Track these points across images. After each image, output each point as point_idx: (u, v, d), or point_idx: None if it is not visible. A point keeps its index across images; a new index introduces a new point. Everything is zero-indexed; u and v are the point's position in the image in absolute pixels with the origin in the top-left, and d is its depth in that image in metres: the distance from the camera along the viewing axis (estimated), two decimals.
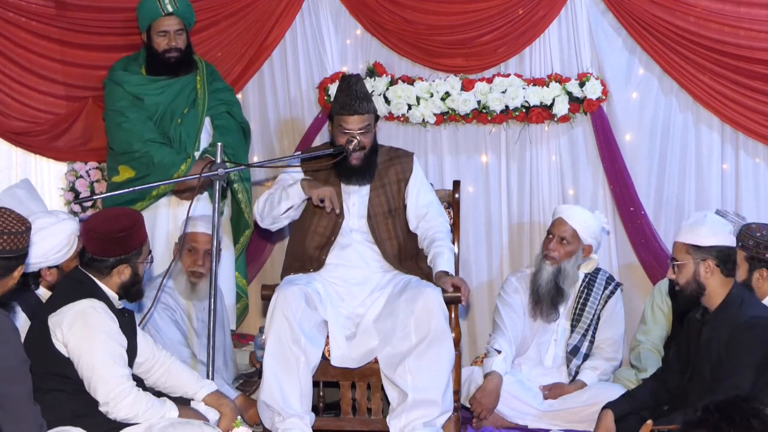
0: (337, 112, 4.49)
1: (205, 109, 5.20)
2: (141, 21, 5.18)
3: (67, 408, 3.61)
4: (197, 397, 3.88)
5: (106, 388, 3.59)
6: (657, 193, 5.47)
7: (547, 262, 4.85)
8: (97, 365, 3.59)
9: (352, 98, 4.47)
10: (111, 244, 3.73)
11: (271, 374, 4.22)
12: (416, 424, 4.19)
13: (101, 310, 3.66)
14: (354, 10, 5.58)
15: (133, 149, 5.06)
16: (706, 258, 3.82)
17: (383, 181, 4.61)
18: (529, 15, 5.39)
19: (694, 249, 3.85)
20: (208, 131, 5.22)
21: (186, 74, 5.20)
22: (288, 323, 4.22)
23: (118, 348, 3.66)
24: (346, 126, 4.46)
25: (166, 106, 5.14)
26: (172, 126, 5.14)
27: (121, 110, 5.11)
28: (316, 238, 4.56)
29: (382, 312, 4.39)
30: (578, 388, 4.79)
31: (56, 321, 3.62)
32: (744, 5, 5.23)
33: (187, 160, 5.05)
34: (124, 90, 5.14)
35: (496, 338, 4.84)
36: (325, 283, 4.47)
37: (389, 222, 4.59)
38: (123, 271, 3.76)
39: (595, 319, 4.92)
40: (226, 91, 5.33)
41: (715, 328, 3.82)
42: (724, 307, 3.83)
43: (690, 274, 3.85)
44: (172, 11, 5.10)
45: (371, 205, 4.58)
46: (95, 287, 3.74)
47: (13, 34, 5.45)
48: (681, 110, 5.43)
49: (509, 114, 5.45)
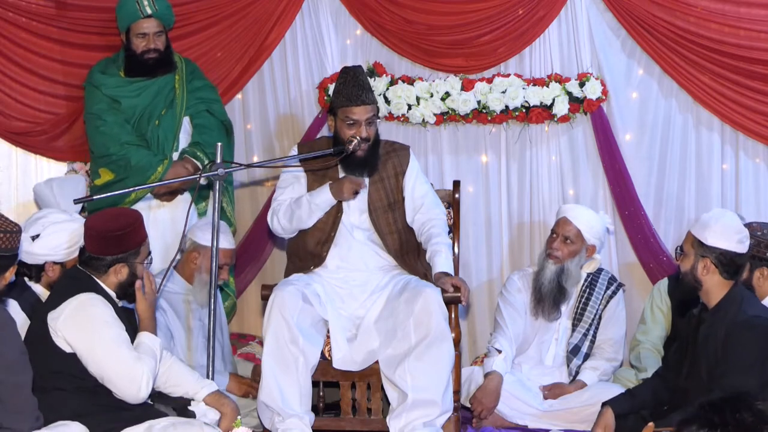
0: (342, 104, 4.47)
1: (184, 108, 5.18)
2: (120, 22, 5.15)
3: (68, 407, 3.61)
4: (198, 397, 3.88)
5: (119, 375, 3.62)
6: (657, 193, 5.47)
7: (551, 261, 4.85)
8: (105, 355, 3.62)
9: (358, 89, 4.47)
10: (108, 242, 3.75)
11: (270, 375, 4.21)
12: (416, 424, 4.18)
13: (98, 301, 3.68)
14: (354, 10, 5.58)
15: (110, 152, 5.05)
16: (706, 256, 3.82)
17: (381, 175, 4.60)
18: (529, 15, 5.39)
19: (698, 244, 3.85)
20: (187, 131, 5.20)
21: (164, 74, 5.18)
22: (286, 323, 4.22)
23: (120, 332, 3.69)
24: (353, 117, 4.45)
25: (143, 108, 5.13)
26: (150, 128, 5.13)
27: (98, 113, 5.10)
28: (317, 234, 4.55)
29: (382, 313, 4.39)
30: (578, 388, 4.79)
31: (55, 317, 3.64)
32: (744, 5, 5.22)
33: (164, 161, 5.04)
34: (102, 93, 5.12)
35: (497, 337, 4.84)
36: (326, 284, 4.47)
37: (389, 216, 4.58)
38: (120, 271, 3.78)
39: (597, 318, 4.92)
40: (206, 89, 5.29)
41: (712, 325, 3.82)
42: (722, 306, 3.83)
43: (689, 266, 3.86)
44: (151, 13, 5.06)
45: (371, 199, 4.58)
46: (94, 284, 3.75)
47: (13, 34, 5.45)
48: (681, 110, 5.43)
49: (509, 114, 5.44)
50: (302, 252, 4.58)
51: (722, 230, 3.84)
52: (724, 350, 3.74)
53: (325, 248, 4.54)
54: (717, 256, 3.81)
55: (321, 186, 4.53)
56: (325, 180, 4.54)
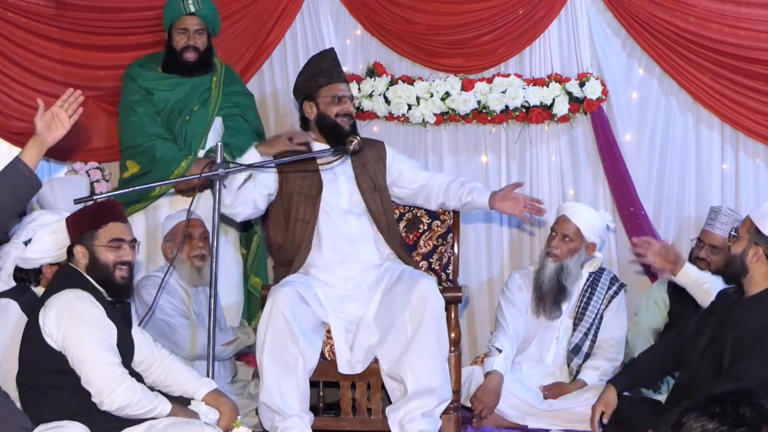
0: (324, 83, 4.51)
1: (217, 108, 5.23)
2: (165, 19, 5.27)
3: (67, 405, 3.59)
4: (197, 396, 3.87)
5: (96, 376, 3.57)
6: (657, 193, 5.47)
7: (550, 259, 4.85)
8: (86, 354, 3.58)
9: (336, 67, 4.58)
10: (71, 227, 3.81)
11: (270, 375, 4.20)
12: (414, 415, 4.17)
13: (86, 299, 3.65)
14: (354, 10, 5.59)
15: (137, 143, 5.12)
16: (759, 244, 3.79)
17: (362, 161, 4.59)
18: (529, 15, 5.40)
19: (755, 231, 3.81)
20: (218, 131, 5.24)
21: (201, 75, 5.23)
22: (287, 324, 4.21)
23: (105, 336, 3.64)
24: (338, 93, 4.50)
25: (175, 103, 5.18)
26: (179, 122, 5.17)
27: (131, 104, 5.18)
28: (300, 225, 4.49)
29: (379, 307, 4.37)
30: (579, 387, 4.79)
31: (44, 315, 3.63)
32: (744, 5, 5.23)
33: (188, 156, 5.07)
34: (137, 84, 5.21)
35: (498, 336, 4.84)
36: (324, 287, 4.43)
37: (377, 197, 4.58)
38: (83, 253, 3.75)
39: (598, 318, 4.92)
40: (243, 95, 5.36)
41: (748, 313, 3.78)
42: (763, 296, 3.79)
43: (740, 250, 3.82)
44: (194, 11, 5.18)
45: (359, 181, 4.56)
46: (81, 279, 3.73)
47: (13, 34, 5.46)
48: (681, 110, 5.44)
49: (509, 114, 5.45)
50: (288, 251, 4.51)
51: None
52: (755, 340, 3.69)
53: (310, 234, 4.47)
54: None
55: (300, 176, 4.50)
56: (307, 179, 4.52)
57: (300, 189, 4.51)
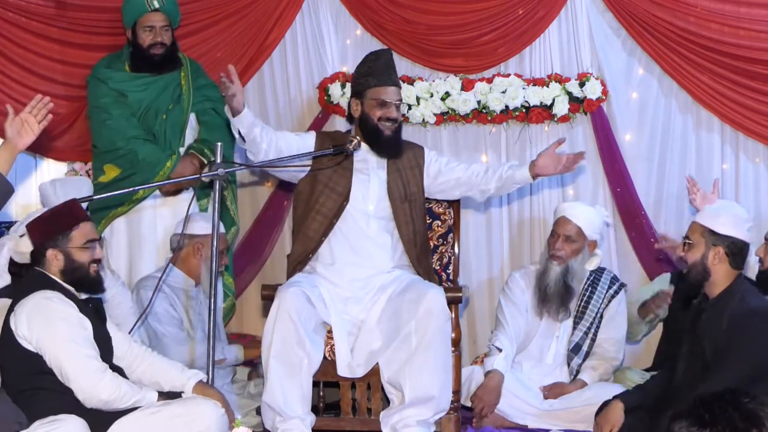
0: (373, 84, 4.46)
1: (190, 105, 5.21)
2: (126, 17, 5.19)
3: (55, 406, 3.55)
4: (186, 388, 3.80)
5: (76, 371, 3.55)
6: (657, 193, 5.47)
7: (554, 262, 4.83)
8: (62, 352, 3.56)
9: (390, 70, 4.51)
10: (36, 233, 3.75)
11: (275, 376, 4.19)
12: (409, 422, 4.18)
13: (55, 299, 3.63)
14: (354, 10, 5.58)
15: (117, 147, 5.07)
16: (718, 245, 3.81)
17: (398, 166, 4.56)
18: (529, 15, 5.39)
19: (709, 233, 3.84)
20: (193, 127, 5.23)
21: (170, 72, 5.21)
22: (294, 325, 4.19)
23: (80, 331, 3.62)
24: (386, 98, 4.45)
25: (150, 103, 5.15)
26: (157, 122, 5.15)
27: (104, 107, 5.12)
28: (318, 218, 4.48)
29: (383, 313, 4.36)
30: (578, 387, 4.79)
31: (15, 320, 3.60)
32: (744, 5, 5.23)
33: (172, 156, 5.06)
34: (108, 87, 5.14)
35: (498, 335, 4.84)
36: (330, 288, 4.43)
37: (406, 206, 4.54)
38: (56, 256, 3.72)
39: (598, 317, 4.92)
40: (209, 87, 5.30)
41: (714, 316, 3.80)
42: (725, 296, 3.81)
43: (698, 256, 3.84)
44: (159, 7, 5.13)
45: (390, 188, 4.53)
46: (48, 280, 3.71)
47: (13, 34, 5.46)
48: (681, 110, 5.44)
49: (509, 114, 5.45)
50: (304, 238, 4.51)
51: (734, 220, 3.86)
52: (728, 339, 3.71)
53: (325, 234, 4.46)
54: (729, 244, 3.81)
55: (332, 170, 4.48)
56: (338, 172, 4.50)
57: (328, 182, 4.48)
